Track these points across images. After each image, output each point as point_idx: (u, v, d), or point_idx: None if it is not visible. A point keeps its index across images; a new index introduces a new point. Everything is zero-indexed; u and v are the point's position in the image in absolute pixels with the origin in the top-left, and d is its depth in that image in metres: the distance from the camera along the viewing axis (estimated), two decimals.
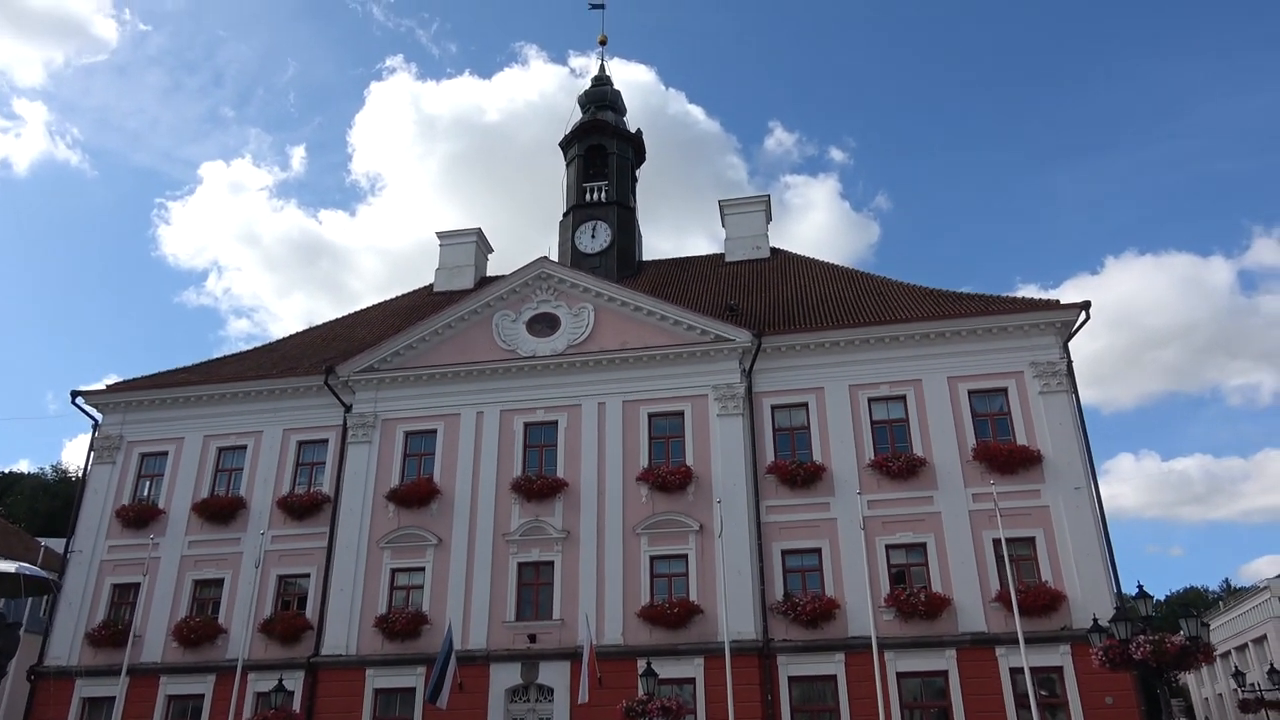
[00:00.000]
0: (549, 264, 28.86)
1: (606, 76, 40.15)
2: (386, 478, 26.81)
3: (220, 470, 28.28)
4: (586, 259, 33.25)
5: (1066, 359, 24.98)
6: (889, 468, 24.28)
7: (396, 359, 28.06)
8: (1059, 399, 24.45)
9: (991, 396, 25.14)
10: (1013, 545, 22.32)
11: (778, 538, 24.32)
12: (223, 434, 28.60)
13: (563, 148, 37.51)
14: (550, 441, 26.61)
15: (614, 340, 27.21)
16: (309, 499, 26.91)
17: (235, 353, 32.83)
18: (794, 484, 24.64)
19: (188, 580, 26.76)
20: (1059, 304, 25.38)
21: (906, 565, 23.62)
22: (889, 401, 25.53)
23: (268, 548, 25.80)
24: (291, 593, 26.37)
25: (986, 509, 22.78)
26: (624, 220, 34.74)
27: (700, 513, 24.63)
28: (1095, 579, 22.30)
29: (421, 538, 25.87)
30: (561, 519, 25.37)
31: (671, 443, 26.00)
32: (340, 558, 25.84)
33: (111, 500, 28.15)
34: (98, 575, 27.24)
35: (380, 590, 25.48)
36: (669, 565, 24.52)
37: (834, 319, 26.77)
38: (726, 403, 25.76)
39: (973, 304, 26.34)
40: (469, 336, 28.17)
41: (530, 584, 25.01)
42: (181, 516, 27.52)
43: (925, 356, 25.58)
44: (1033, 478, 23.69)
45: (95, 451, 29.05)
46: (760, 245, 33.77)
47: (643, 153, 38.34)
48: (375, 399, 27.82)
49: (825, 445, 25.14)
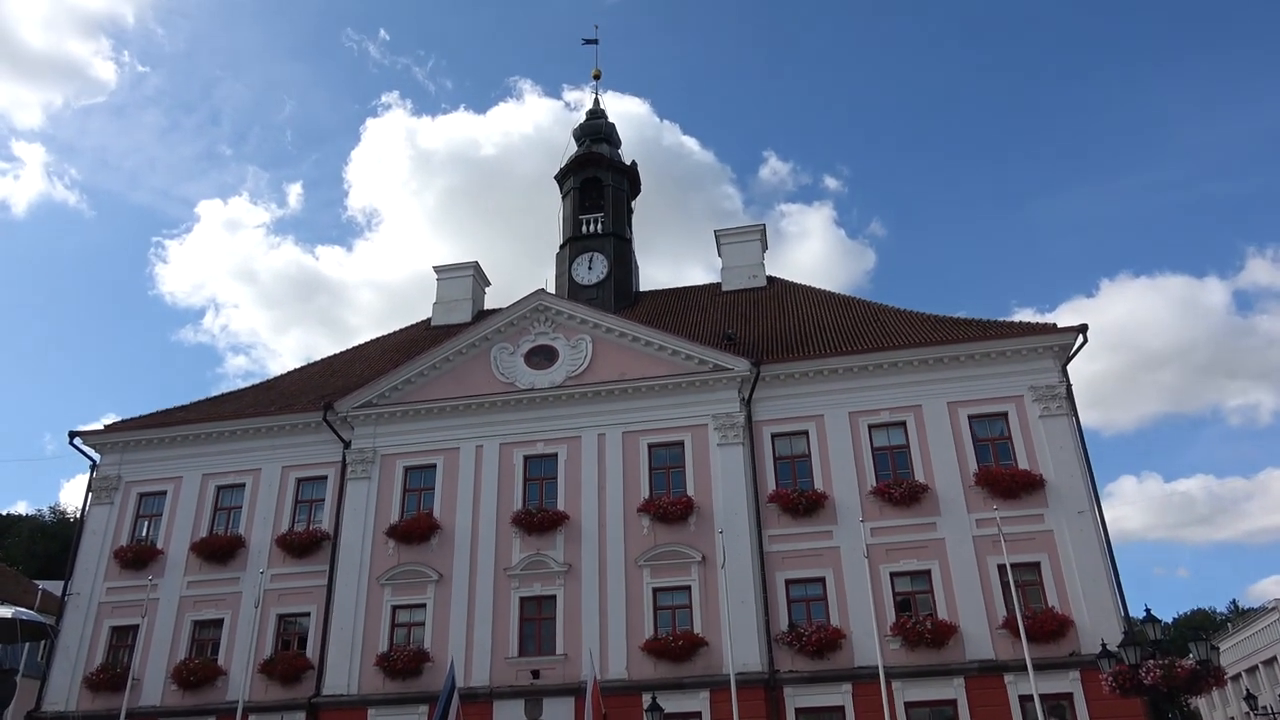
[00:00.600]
0: (546, 296, 28.91)
1: (601, 110, 40.48)
2: (386, 514, 26.66)
3: (219, 509, 28.13)
4: (584, 290, 33.31)
5: (1065, 382, 24.96)
6: (891, 494, 24.18)
7: (395, 394, 28.00)
8: (1059, 422, 24.41)
9: (992, 421, 25.09)
10: (1018, 571, 22.17)
11: (781, 567, 24.15)
12: (221, 472, 28.47)
13: (558, 181, 37.73)
14: (550, 474, 26.50)
15: (612, 371, 27.18)
16: (308, 536, 26.73)
17: (233, 390, 32.80)
18: (796, 512, 24.51)
19: (187, 621, 26.52)
20: (1056, 327, 25.42)
21: (912, 593, 23.44)
22: (889, 428, 25.47)
23: (267, 587, 25.57)
24: (292, 632, 26.13)
25: (990, 534, 22.63)
26: (620, 251, 34.87)
27: (702, 543, 24.47)
28: (1102, 603, 22.13)
29: (422, 574, 25.67)
30: (563, 552, 25.20)
31: (672, 473, 25.90)
32: (340, 596, 25.62)
33: (110, 541, 27.97)
34: (95, 618, 26.99)
35: (381, 628, 25.24)
36: (672, 597, 24.31)
37: (832, 346, 26.78)
38: (726, 432, 25.69)
39: (970, 329, 26.37)
40: (467, 370, 28.14)
41: (533, 619, 24.79)
42: (180, 556, 27.32)
43: (924, 382, 25.56)
44: (1036, 502, 23.58)
45: (93, 492, 28.90)
46: (757, 274, 33.86)
47: (638, 184, 38.56)
48: (374, 434, 27.73)
49: (826, 473, 25.04)
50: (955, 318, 27.60)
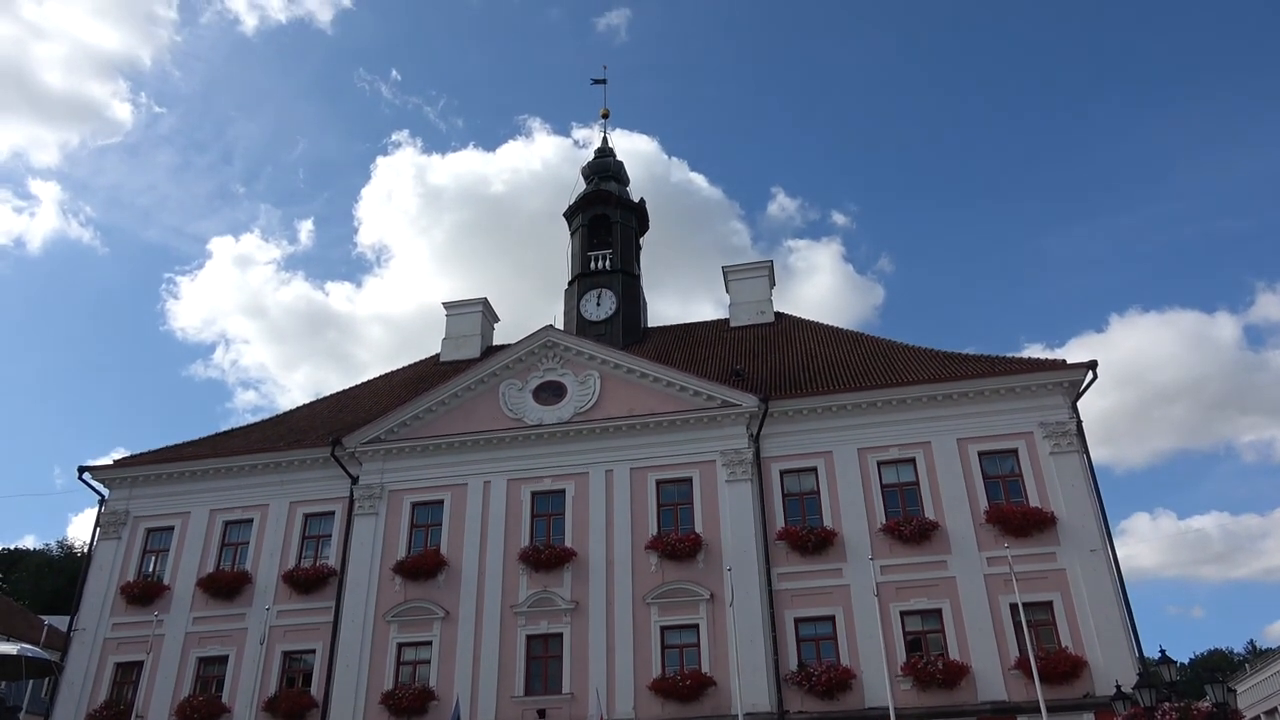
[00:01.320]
0: (555, 332, 29.02)
1: (609, 148, 40.92)
2: (393, 550, 26.57)
3: (226, 544, 28.08)
4: (592, 327, 33.43)
5: (1076, 419, 24.85)
6: (901, 532, 24.00)
7: (403, 429, 28.03)
8: (1070, 459, 24.26)
9: (1002, 458, 24.95)
10: (1030, 610, 21.92)
11: (790, 605, 23.92)
12: (229, 508, 28.46)
13: (567, 218, 38.04)
14: (558, 510, 26.40)
15: (621, 407, 27.18)
16: (315, 573, 26.63)
17: (242, 425, 32.93)
18: (805, 550, 24.33)
19: (191, 658, 26.36)
20: (1065, 363, 25.35)
21: (922, 632, 23.17)
22: (898, 464, 25.36)
23: (273, 623, 25.44)
24: (296, 669, 25.93)
25: (1002, 573, 22.42)
26: (628, 288, 35.04)
27: (711, 581, 24.28)
28: (1116, 643, 21.83)
29: (428, 610, 25.52)
30: (570, 589, 25.03)
31: (680, 510, 25.78)
32: (346, 632, 25.46)
33: (116, 577, 27.91)
34: (100, 654, 26.85)
35: (387, 665, 25.04)
36: (680, 635, 24.09)
37: (841, 382, 26.74)
38: (735, 468, 25.60)
39: (979, 365, 26.32)
40: (475, 406, 28.17)
41: (539, 657, 24.56)
42: (186, 592, 27.23)
43: (933, 419, 25.47)
44: (1047, 540, 23.36)
45: (101, 527, 28.89)
46: (765, 310, 33.94)
47: (646, 221, 38.83)
48: (382, 470, 27.72)
49: (835, 510, 24.89)
50: (964, 354, 27.56)
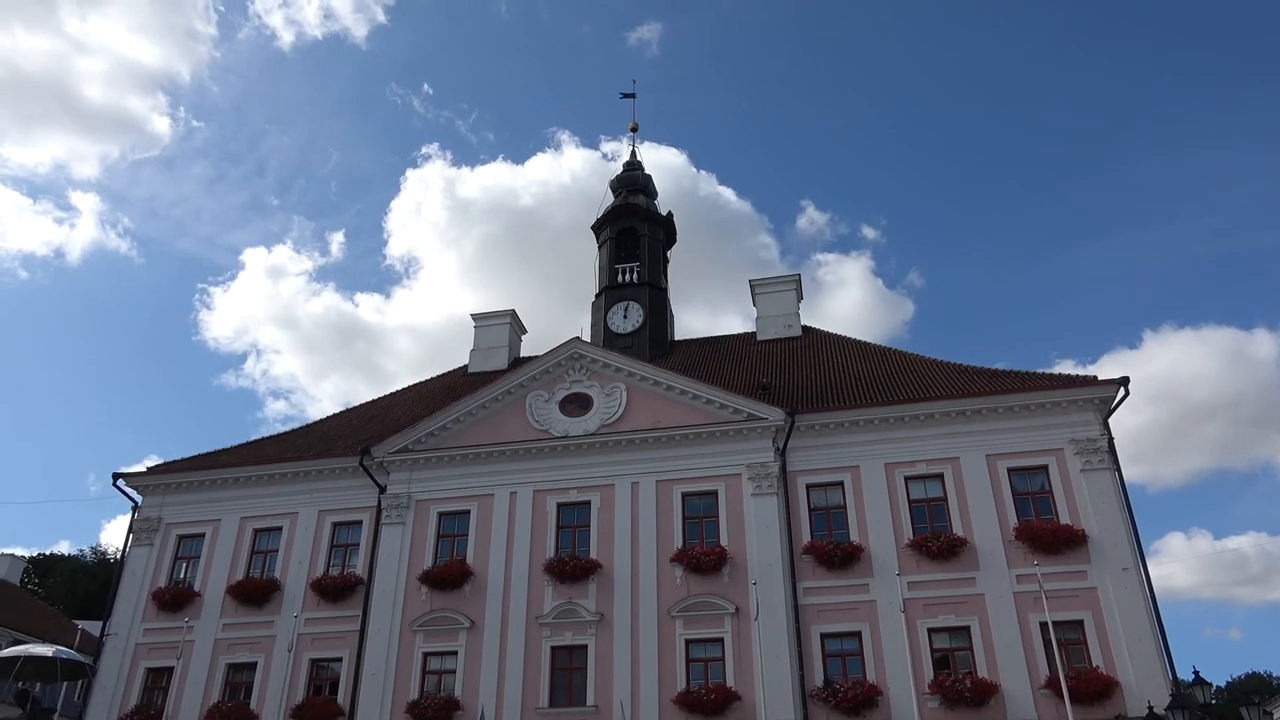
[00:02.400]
0: (582, 344, 29.14)
1: (638, 161, 41.12)
2: (420, 559, 26.74)
3: (256, 552, 28.39)
4: (619, 339, 33.54)
5: (1107, 435, 24.55)
6: (928, 548, 23.79)
7: (431, 440, 28.25)
8: (1101, 476, 23.96)
9: (1032, 474, 24.69)
10: (1060, 629, 21.66)
11: (816, 620, 23.77)
12: (259, 515, 28.78)
13: (595, 231, 38.25)
14: (583, 522, 26.45)
15: (647, 420, 27.22)
16: (342, 581, 26.86)
17: (272, 434, 33.25)
18: (831, 565, 24.18)
19: (221, 664, 26.63)
20: (1096, 379, 25.06)
21: (950, 650, 22.93)
22: (926, 480, 25.16)
23: (301, 630, 25.67)
24: (324, 677, 26.12)
25: (1031, 591, 22.14)
26: (656, 301, 35.14)
27: (736, 595, 24.20)
28: (1149, 664, 21.48)
29: (454, 620, 25.63)
30: (595, 601, 25.05)
31: (705, 523, 25.73)
32: (373, 641, 25.62)
33: (148, 583, 28.29)
34: (132, 659, 27.21)
35: (412, 675, 25.15)
36: (705, 649, 24.01)
37: (868, 397, 26.61)
38: (761, 482, 25.53)
39: (1009, 381, 26.08)
40: (503, 417, 28.33)
41: (564, 669, 24.57)
42: (216, 599, 27.55)
43: (962, 434, 25.27)
44: (1078, 558, 23.06)
45: (134, 533, 29.32)
46: (792, 324, 33.89)
47: (673, 234, 38.96)
48: (409, 480, 27.93)
49: (862, 525, 24.73)
50: (993, 369, 27.33)
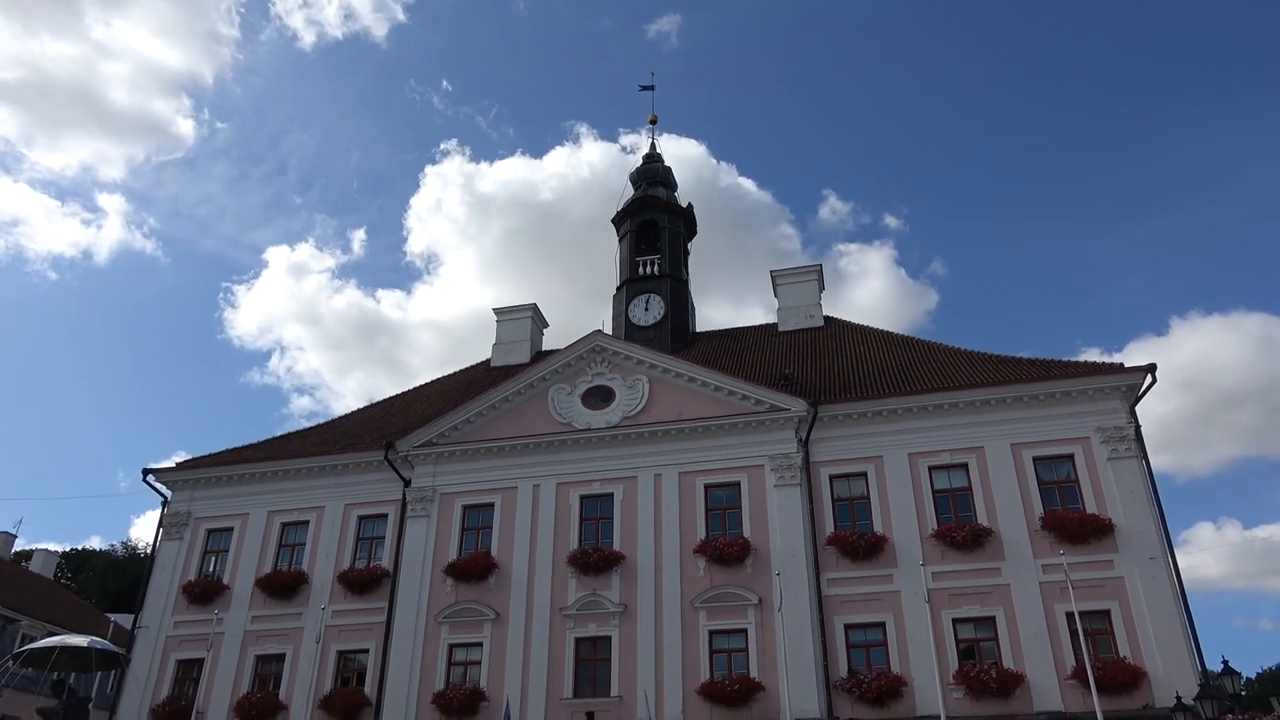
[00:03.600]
0: (603, 337, 29.20)
1: (657, 154, 41.07)
2: (445, 552, 26.95)
3: (283, 545, 28.73)
4: (640, 331, 33.57)
5: (1134, 424, 24.29)
6: (953, 538, 23.67)
7: (455, 433, 28.43)
8: (1128, 465, 23.73)
9: (1057, 464, 24.48)
10: (1087, 619, 21.51)
11: (840, 611, 23.74)
12: (286, 509, 29.13)
13: (615, 224, 38.26)
14: (606, 514, 26.54)
15: (669, 412, 27.24)
16: (369, 574, 27.12)
17: (298, 430, 33.59)
18: (855, 555, 24.13)
19: (250, 656, 26.99)
20: (1123, 367, 24.81)
21: (975, 640, 22.82)
22: (950, 470, 25.02)
23: (328, 623, 25.95)
24: (351, 669, 26.41)
25: (1058, 580, 21.96)
26: (676, 293, 35.13)
27: (759, 586, 24.20)
28: (1177, 654, 21.27)
29: (479, 612, 25.82)
30: (619, 593, 25.14)
31: (728, 514, 25.74)
32: (399, 633, 25.87)
33: (179, 576, 28.72)
34: (163, 651, 27.64)
35: (438, 666, 25.39)
36: (728, 640, 24.04)
37: (891, 387, 26.49)
38: (784, 473, 25.49)
39: (1034, 369, 25.86)
40: (525, 410, 28.47)
41: (588, 659, 24.69)
42: (245, 592, 27.91)
43: (987, 423, 25.10)
44: (1105, 548, 22.86)
45: (164, 528, 29.75)
46: (814, 314, 33.78)
47: (694, 226, 38.91)
48: (434, 473, 28.13)
49: (886, 515, 24.64)
50: (1017, 357, 27.10)
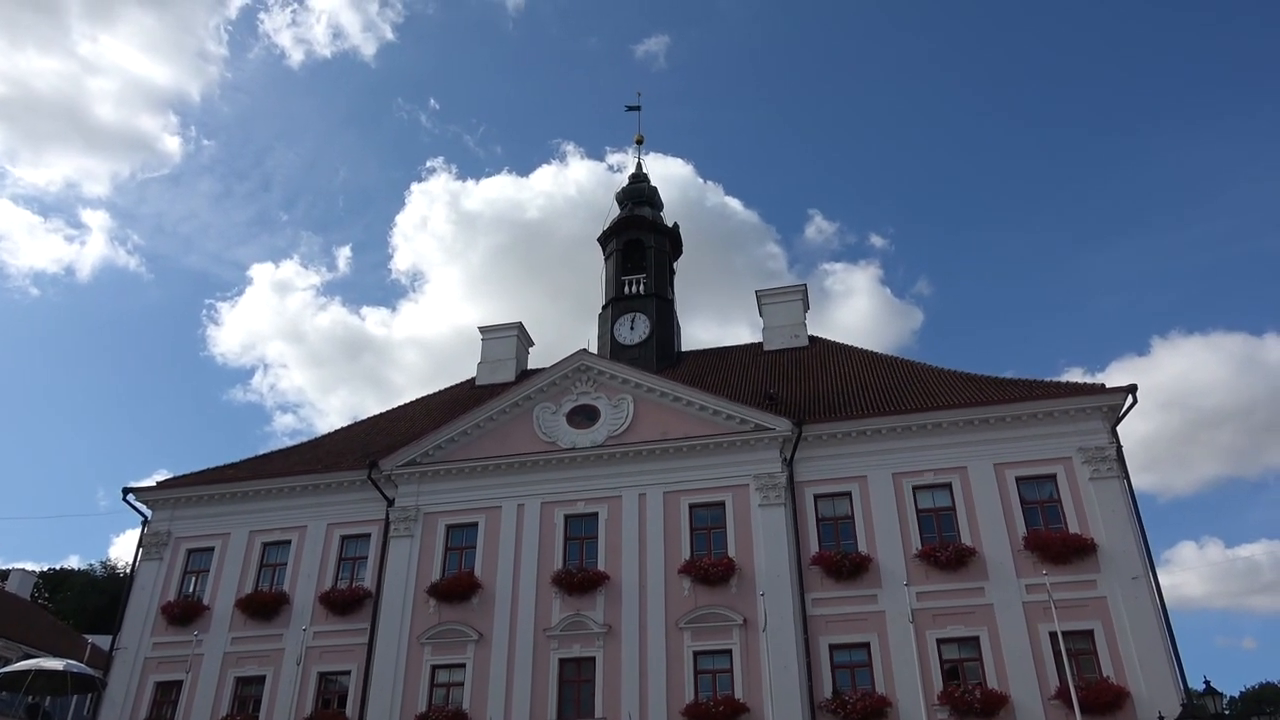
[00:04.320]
0: (588, 356, 29.20)
1: (644, 174, 41.27)
2: (428, 572, 26.76)
3: (264, 565, 28.45)
4: (626, 350, 33.60)
5: (1116, 444, 24.44)
6: (937, 558, 23.70)
7: (438, 452, 28.31)
8: (1110, 485, 23.86)
9: (1040, 483, 24.60)
10: (1070, 639, 21.56)
11: (824, 631, 23.70)
12: (268, 529, 28.87)
13: (601, 243, 38.36)
14: (591, 534, 26.45)
15: (654, 431, 27.23)
16: (351, 594, 26.88)
17: (280, 448, 33.33)
18: (839, 575, 24.11)
19: (229, 678, 26.65)
20: (1104, 388, 24.98)
21: (959, 660, 22.81)
22: (934, 489, 25.09)
23: (309, 644, 25.67)
24: (332, 690, 26.11)
25: (1041, 600, 22.02)
26: (662, 312, 35.21)
27: (744, 606, 24.14)
28: (1160, 674, 21.33)
29: (462, 633, 25.62)
30: (603, 613, 25.02)
31: (713, 534, 25.70)
32: (381, 654, 25.63)
33: (158, 597, 28.37)
34: (141, 673, 27.25)
35: (420, 688, 25.14)
36: (713, 661, 23.94)
37: (875, 406, 26.58)
38: (768, 492, 25.50)
39: (1016, 389, 26.01)
40: (510, 429, 28.38)
41: (572, 681, 24.52)
42: (225, 613, 27.60)
43: (970, 443, 25.20)
44: (1088, 568, 22.94)
45: (144, 548, 29.40)
46: (799, 334, 33.91)
47: (679, 245, 39.05)
48: (417, 493, 27.98)
49: (870, 535, 24.66)
50: (1000, 378, 27.26)
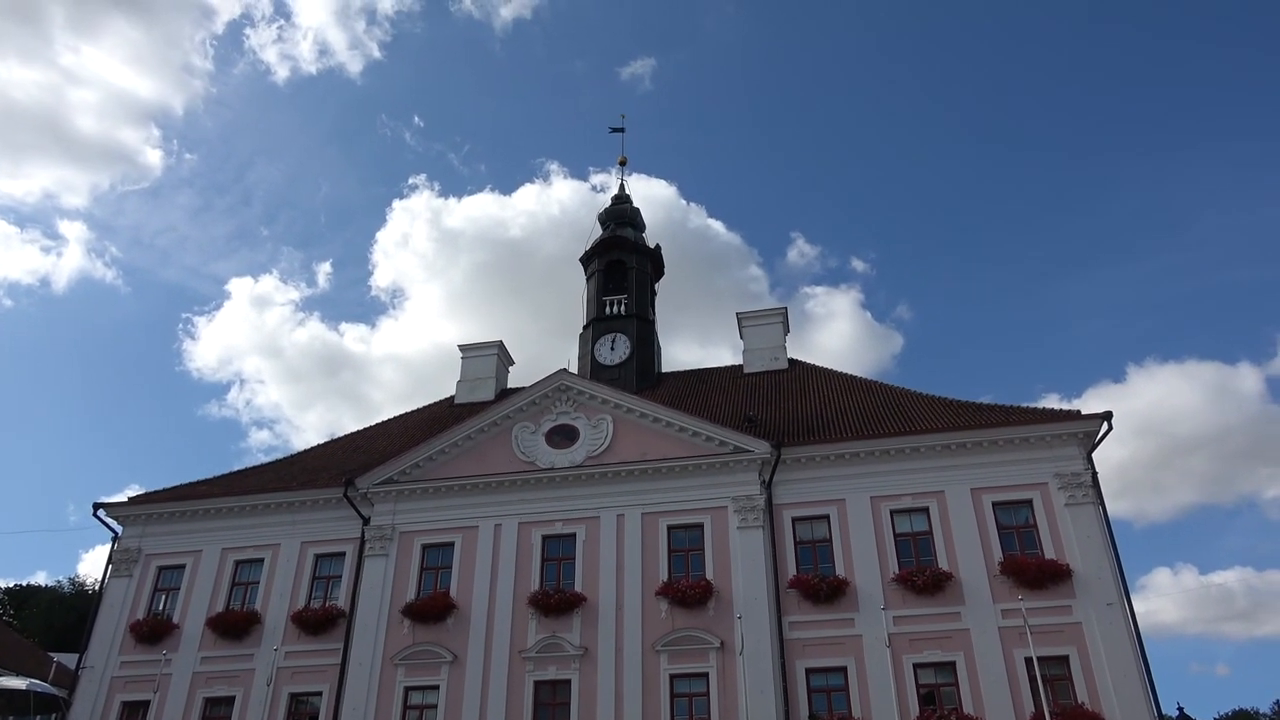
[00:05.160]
0: (569, 376, 29.15)
1: (626, 195, 41.45)
2: (403, 592, 26.48)
3: (236, 584, 28.05)
4: (606, 371, 33.59)
5: (1091, 470, 24.64)
6: (914, 582, 23.74)
7: (416, 471, 28.11)
8: (1086, 510, 24.03)
9: (1016, 509, 24.73)
10: (1045, 664, 21.59)
11: (801, 655, 23.62)
12: (240, 547, 28.49)
13: (583, 263, 38.43)
14: (568, 554, 26.29)
15: (633, 452, 27.18)
16: (324, 613, 26.55)
17: (255, 465, 33.00)
18: (817, 599, 24.08)
19: (198, 699, 26.19)
20: (1080, 414, 25.21)
21: (936, 685, 22.79)
22: (912, 513, 25.17)
23: (280, 664, 25.31)
24: (303, 711, 25.71)
25: (1016, 625, 22.10)
26: (643, 333, 35.25)
27: (721, 629, 24.04)
28: (1134, 700, 21.41)
29: (436, 654, 25.34)
30: (579, 635, 24.84)
31: (691, 556, 25.61)
32: (353, 675, 25.28)
33: (127, 614, 27.89)
34: (108, 693, 26.72)
35: (393, 709, 24.80)
36: (689, 684, 23.79)
37: (854, 430, 26.68)
38: (746, 515, 25.47)
39: (993, 415, 26.21)
40: (488, 448, 28.24)
41: (547, 704, 24.29)
42: (195, 631, 27.16)
43: (947, 468, 25.33)
44: (1063, 593, 23.05)
45: (114, 564, 28.93)
46: (778, 357, 34.03)
47: (661, 267, 39.18)
48: (394, 511, 27.74)
49: (848, 558, 24.68)
50: (978, 403, 27.47)
